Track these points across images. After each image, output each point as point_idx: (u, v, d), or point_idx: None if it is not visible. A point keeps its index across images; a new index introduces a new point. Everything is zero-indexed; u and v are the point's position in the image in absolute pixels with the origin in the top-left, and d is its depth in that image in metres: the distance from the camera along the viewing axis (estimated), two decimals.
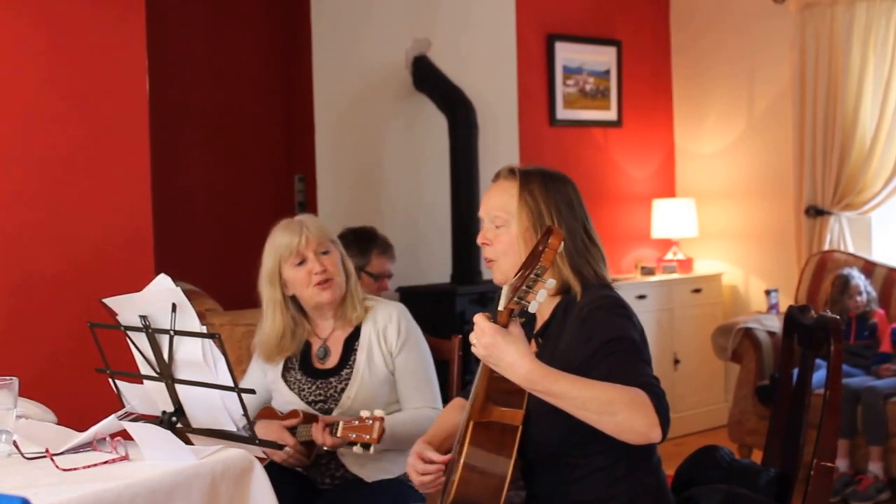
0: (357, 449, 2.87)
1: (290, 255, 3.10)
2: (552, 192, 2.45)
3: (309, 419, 3.04)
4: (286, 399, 3.15)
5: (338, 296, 3.13)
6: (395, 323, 3.14)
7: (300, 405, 3.11)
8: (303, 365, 3.18)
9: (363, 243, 4.43)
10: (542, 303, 2.14)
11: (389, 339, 3.13)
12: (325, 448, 2.96)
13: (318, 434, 2.94)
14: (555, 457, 2.31)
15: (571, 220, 2.44)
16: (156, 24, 4.46)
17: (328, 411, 3.09)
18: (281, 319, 3.15)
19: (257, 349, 3.23)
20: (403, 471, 3.08)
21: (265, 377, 3.24)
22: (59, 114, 3.75)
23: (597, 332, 2.27)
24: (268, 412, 3.19)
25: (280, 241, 3.12)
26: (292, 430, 3.02)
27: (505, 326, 2.16)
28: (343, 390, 3.10)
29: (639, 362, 2.22)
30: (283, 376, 3.18)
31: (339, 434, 2.89)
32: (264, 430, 3.02)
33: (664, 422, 2.12)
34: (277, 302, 3.15)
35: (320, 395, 3.12)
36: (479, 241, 2.51)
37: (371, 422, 2.84)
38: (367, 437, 2.83)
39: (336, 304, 3.15)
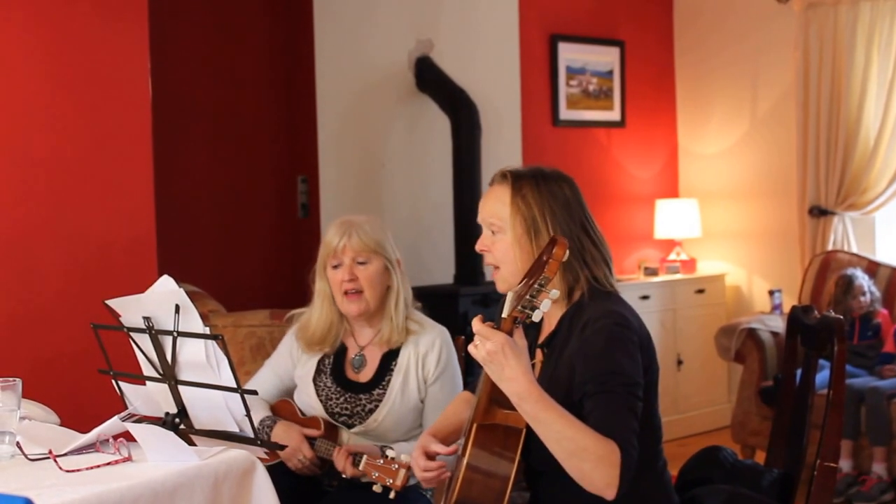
0: (377, 488, 2.84)
1: (328, 256, 3.10)
2: (545, 194, 2.41)
3: (330, 432, 3.02)
4: (310, 403, 3.12)
5: (364, 310, 3.07)
6: (436, 351, 3.08)
7: (322, 414, 3.08)
8: (335, 371, 3.13)
9: None
10: (547, 312, 2.14)
11: (428, 366, 3.07)
12: (344, 476, 2.95)
13: (340, 461, 2.91)
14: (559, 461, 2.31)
15: (568, 222, 2.40)
16: (159, 25, 4.46)
17: (351, 426, 3.06)
18: (328, 312, 3.12)
19: (297, 334, 3.18)
20: (416, 480, 3.07)
21: (293, 368, 3.20)
22: (62, 115, 3.75)
23: (593, 361, 2.25)
24: (286, 408, 3.15)
25: (326, 239, 3.12)
26: (311, 440, 3.00)
27: (509, 334, 2.16)
28: (372, 411, 3.05)
29: (625, 409, 2.20)
30: (314, 379, 3.13)
31: (361, 468, 2.87)
32: (285, 433, 3.00)
33: (623, 483, 2.13)
34: (326, 295, 3.13)
35: (346, 408, 3.07)
36: (478, 248, 2.49)
37: (397, 467, 2.80)
38: (391, 481, 2.80)
39: (367, 316, 3.10)
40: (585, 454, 2.13)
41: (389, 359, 3.10)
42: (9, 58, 3.63)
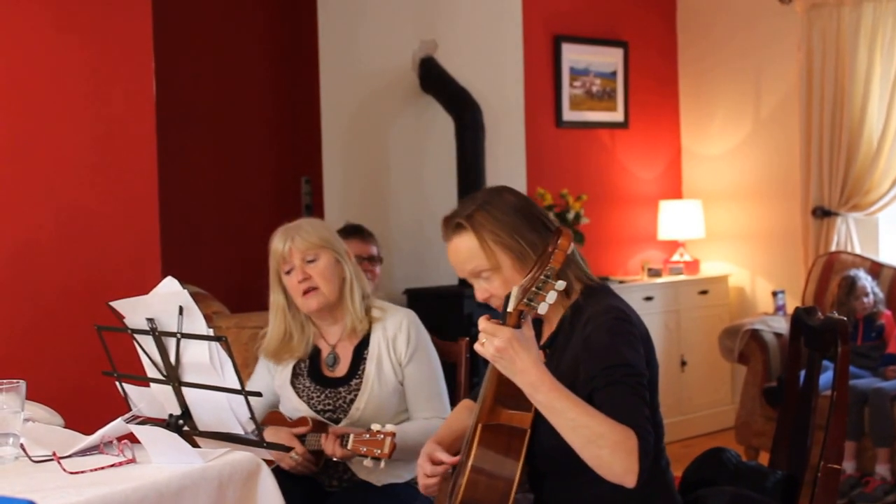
0: (367, 462, 2.87)
1: (279, 264, 3.12)
2: (500, 216, 2.37)
3: (318, 427, 3.04)
4: (294, 406, 3.14)
5: (323, 303, 3.10)
6: (404, 332, 3.11)
7: (309, 413, 3.11)
8: (311, 371, 3.16)
9: None
10: (547, 314, 2.13)
11: (399, 348, 3.11)
12: (335, 459, 2.97)
13: (329, 445, 2.94)
14: (563, 460, 2.31)
15: (534, 227, 2.38)
16: (163, 27, 4.46)
17: (337, 421, 3.08)
18: (282, 323, 3.16)
19: (262, 352, 3.24)
20: (412, 476, 3.08)
21: (272, 380, 3.23)
22: (67, 118, 3.75)
23: (598, 356, 2.26)
24: (275, 417, 3.18)
25: (272, 248, 3.14)
26: (301, 437, 3.02)
27: (516, 328, 2.16)
28: (353, 401, 3.08)
29: (636, 397, 2.20)
30: (292, 383, 3.17)
31: (349, 447, 2.89)
32: (273, 437, 3.01)
33: (642, 469, 2.13)
34: (280, 306, 3.16)
35: (329, 404, 3.10)
36: (480, 298, 2.44)
37: (382, 436, 2.84)
38: (378, 451, 2.83)
39: (329, 310, 3.13)
40: (602, 441, 2.13)
41: (361, 349, 3.14)
42: (12, 58, 3.64)
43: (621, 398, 2.19)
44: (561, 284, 2.11)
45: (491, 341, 2.14)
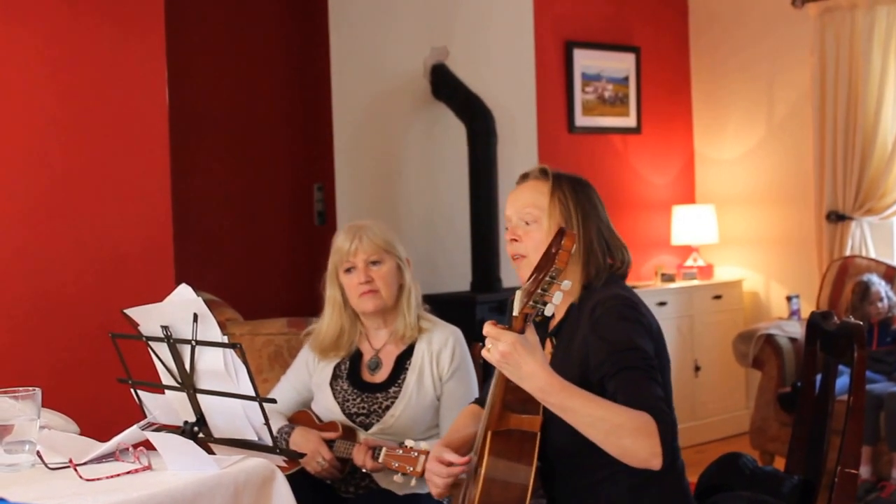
0: (398, 478, 2.85)
1: (341, 262, 3.13)
2: (580, 195, 2.49)
3: (348, 434, 3.03)
4: (327, 406, 3.15)
5: (380, 306, 3.12)
6: (450, 348, 3.12)
7: (340, 416, 3.11)
8: (351, 374, 3.17)
9: None
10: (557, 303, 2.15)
11: (442, 363, 3.11)
12: (364, 470, 2.96)
13: (360, 456, 2.94)
14: (575, 461, 2.31)
15: (595, 222, 2.48)
16: (175, 34, 4.48)
17: (369, 425, 3.08)
18: (338, 319, 3.18)
19: (311, 343, 3.24)
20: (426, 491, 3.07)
21: (309, 378, 3.24)
22: (79, 125, 3.77)
23: (607, 340, 2.27)
24: (304, 417, 3.18)
25: (336, 245, 3.16)
26: (329, 442, 3.02)
27: (521, 332, 2.16)
28: (388, 407, 3.08)
29: (649, 381, 2.21)
30: (331, 383, 3.17)
31: (381, 460, 2.88)
32: (303, 438, 3.02)
33: (667, 450, 2.14)
34: (336, 302, 3.18)
35: (364, 408, 3.11)
36: (508, 237, 2.51)
37: (416, 454, 2.82)
38: (411, 468, 2.81)
39: (383, 313, 3.14)
40: (622, 431, 2.13)
41: (404, 358, 3.14)
42: (27, 69, 3.65)
43: (634, 383, 2.21)
44: (566, 284, 2.11)
45: (496, 346, 2.15)
